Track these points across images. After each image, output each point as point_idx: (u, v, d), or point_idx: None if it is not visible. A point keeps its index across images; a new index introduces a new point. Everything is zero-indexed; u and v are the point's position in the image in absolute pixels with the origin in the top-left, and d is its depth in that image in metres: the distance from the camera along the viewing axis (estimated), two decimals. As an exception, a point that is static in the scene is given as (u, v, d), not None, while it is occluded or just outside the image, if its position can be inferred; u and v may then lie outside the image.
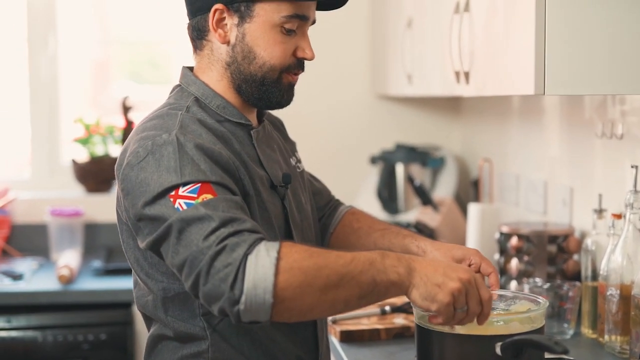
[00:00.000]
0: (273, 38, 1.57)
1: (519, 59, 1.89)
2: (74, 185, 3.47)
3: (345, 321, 2.12)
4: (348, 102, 3.54)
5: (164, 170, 1.44)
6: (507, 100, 2.95)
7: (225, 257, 1.36)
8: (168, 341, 1.59)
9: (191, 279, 1.39)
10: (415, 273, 1.43)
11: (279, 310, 1.37)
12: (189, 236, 1.39)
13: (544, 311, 1.60)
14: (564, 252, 2.32)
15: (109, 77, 3.83)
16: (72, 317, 2.79)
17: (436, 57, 2.55)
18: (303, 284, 1.36)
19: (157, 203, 1.43)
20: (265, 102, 1.62)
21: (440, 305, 1.42)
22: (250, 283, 1.34)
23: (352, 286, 1.39)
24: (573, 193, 2.45)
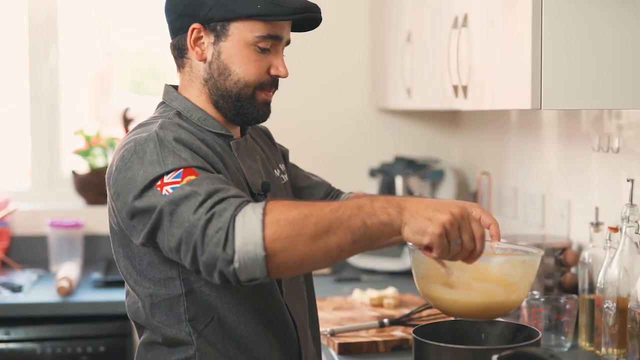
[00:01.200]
0: (247, 56, 1.64)
1: (516, 73, 1.90)
2: (74, 197, 3.48)
3: (344, 333, 2.13)
4: (348, 114, 3.56)
5: (148, 164, 1.51)
6: (505, 114, 2.97)
7: (215, 223, 1.41)
8: (157, 347, 1.63)
9: (189, 254, 1.44)
10: (405, 211, 1.44)
11: (273, 264, 1.41)
12: (180, 215, 1.45)
13: (538, 259, 1.61)
14: (561, 265, 2.33)
15: (109, 88, 3.84)
16: (71, 329, 2.80)
17: (435, 71, 2.56)
18: (292, 234, 1.40)
19: (145, 195, 1.49)
20: (242, 118, 1.69)
21: (432, 236, 1.42)
22: (240, 241, 1.40)
23: (343, 231, 1.42)
24: (570, 206, 2.47)
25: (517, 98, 1.89)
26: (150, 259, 1.60)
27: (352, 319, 2.29)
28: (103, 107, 3.83)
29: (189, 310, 1.59)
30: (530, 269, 1.61)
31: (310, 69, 3.50)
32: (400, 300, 2.51)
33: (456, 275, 1.56)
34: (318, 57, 3.51)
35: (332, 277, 3.07)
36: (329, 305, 2.48)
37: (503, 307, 1.61)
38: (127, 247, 1.62)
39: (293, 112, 3.48)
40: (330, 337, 2.12)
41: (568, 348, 2.07)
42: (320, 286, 2.90)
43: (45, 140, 3.52)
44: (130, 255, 1.62)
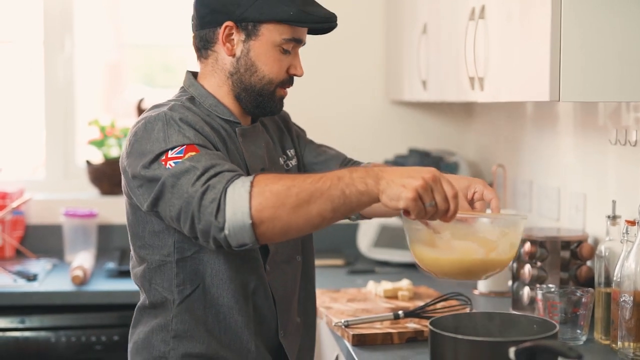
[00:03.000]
0: (273, 56, 1.80)
1: (534, 65, 1.89)
2: (89, 187, 3.49)
3: (358, 325, 2.13)
4: (362, 107, 3.55)
5: (154, 140, 1.68)
6: (520, 107, 2.95)
7: (210, 194, 1.58)
8: (146, 311, 1.84)
9: (188, 222, 1.61)
10: (382, 180, 1.56)
11: (261, 232, 1.57)
12: (180, 187, 1.62)
13: (519, 221, 1.70)
14: (577, 259, 2.32)
15: (122, 80, 3.85)
16: (85, 318, 2.81)
17: (451, 63, 2.55)
18: (276, 204, 1.56)
19: (151, 167, 1.67)
20: (260, 110, 1.85)
21: (406, 201, 1.54)
22: (230, 210, 1.56)
23: (324, 200, 1.56)
24: (586, 199, 2.46)
25: (535, 90, 1.88)
26: (152, 227, 1.78)
27: (366, 311, 2.29)
28: (115, 99, 3.84)
29: (178, 277, 1.78)
30: (510, 230, 1.68)
31: (325, 61, 3.49)
32: (414, 293, 2.50)
33: (438, 235, 1.66)
34: (333, 50, 3.50)
35: (345, 269, 3.07)
36: (343, 296, 2.48)
37: (483, 266, 1.67)
38: (134, 214, 1.80)
39: (308, 104, 3.48)
40: (345, 328, 2.12)
41: (584, 341, 2.06)
42: (334, 278, 2.91)
43: (60, 131, 3.53)
44: (136, 222, 1.80)
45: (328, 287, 2.70)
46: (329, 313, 2.27)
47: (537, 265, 2.33)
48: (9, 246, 3.24)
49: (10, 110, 3.69)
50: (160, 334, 1.81)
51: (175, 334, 1.79)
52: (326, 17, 1.81)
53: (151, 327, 1.82)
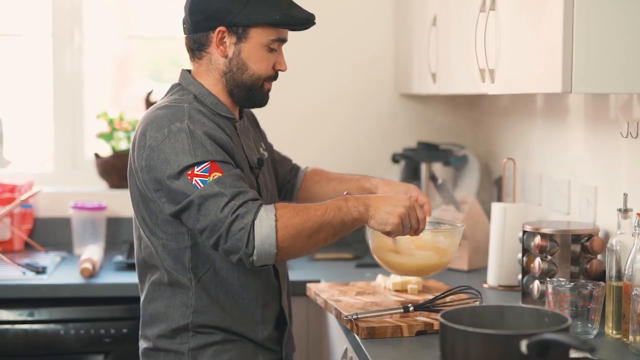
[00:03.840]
0: (261, 55, 2.03)
1: (546, 56, 1.88)
2: (97, 181, 3.48)
3: (368, 318, 2.12)
4: (371, 100, 3.54)
5: (180, 152, 1.90)
6: (530, 99, 2.94)
7: (239, 223, 1.85)
8: (164, 287, 2.04)
9: (212, 240, 1.88)
10: (370, 208, 1.97)
11: (280, 256, 1.89)
12: (208, 208, 1.87)
13: (461, 230, 2.22)
14: (587, 252, 2.31)
15: (130, 74, 3.84)
16: (94, 310, 2.81)
17: (461, 55, 2.54)
18: (295, 235, 1.88)
19: (178, 180, 1.89)
20: (250, 103, 2.09)
21: (392, 226, 1.97)
22: (259, 241, 1.85)
23: (329, 229, 1.92)
24: (597, 193, 2.44)
25: (547, 82, 1.87)
26: (165, 217, 1.97)
27: (375, 304, 2.28)
28: (123, 93, 3.83)
29: (192, 260, 2.01)
30: (456, 238, 2.19)
31: (334, 54, 3.48)
32: (423, 286, 2.49)
33: (402, 244, 2.14)
34: (342, 43, 3.49)
35: (353, 262, 3.06)
36: (352, 290, 2.47)
37: (436, 267, 2.17)
38: (146, 204, 1.99)
39: (316, 97, 3.47)
40: (355, 321, 2.11)
41: (594, 335, 2.05)
42: (342, 271, 2.90)
43: (69, 124, 3.53)
44: (148, 211, 1.99)
45: (336, 280, 2.69)
46: (338, 306, 2.26)
47: (547, 258, 2.32)
48: (18, 239, 3.24)
49: (19, 103, 3.69)
50: (180, 309, 2.03)
51: (194, 309, 2.02)
52: (307, 19, 2.04)
53: (170, 302, 2.04)
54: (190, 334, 2.03)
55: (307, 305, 2.82)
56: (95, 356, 2.80)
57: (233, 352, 2.05)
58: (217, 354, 2.04)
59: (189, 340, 2.03)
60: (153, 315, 2.07)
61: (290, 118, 3.45)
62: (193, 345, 2.03)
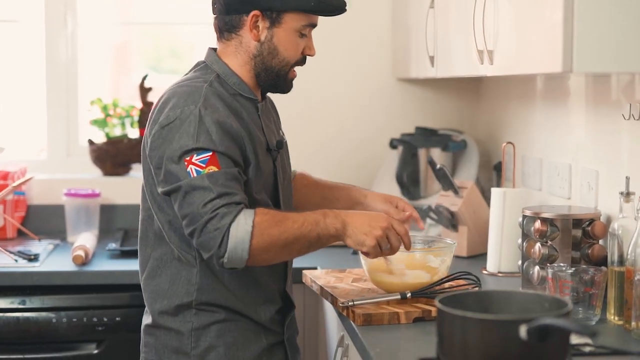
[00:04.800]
0: (293, 40, 2.04)
1: (546, 36, 1.83)
2: (91, 168, 3.43)
3: (365, 305, 2.08)
4: (368, 85, 3.49)
5: (185, 135, 1.91)
6: (530, 82, 2.89)
7: (216, 222, 1.86)
8: (169, 264, 2.04)
9: (189, 230, 1.90)
10: (348, 226, 1.98)
11: (251, 262, 1.90)
12: (192, 198, 1.88)
13: (453, 248, 2.24)
14: (589, 237, 2.26)
15: (129, 64, 3.79)
16: (86, 298, 2.76)
17: (459, 37, 2.49)
18: (269, 245, 1.90)
19: (175, 163, 1.90)
20: (275, 88, 2.10)
21: (369, 247, 2.00)
22: (232, 245, 1.86)
23: (304, 242, 1.94)
24: (599, 176, 2.39)
25: (547, 61, 1.82)
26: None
27: (372, 291, 2.24)
28: (123, 83, 3.78)
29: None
30: (447, 256, 2.21)
31: (330, 38, 3.42)
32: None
33: (394, 265, 2.16)
34: (338, 26, 3.42)
35: (350, 249, 3.01)
36: (349, 277, 2.43)
37: (426, 284, 2.15)
38: (153, 183, 2.00)
39: (312, 83, 3.41)
40: (351, 308, 2.06)
41: (596, 322, 2.00)
42: (339, 258, 2.86)
43: (63, 110, 3.48)
44: (155, 188, 2.00)
45: (333, 266, 2.65)
46: (334, 293, 2.21)
47: (547, 244, 2.27)
48: (10, 227, 3.19)
49: (13, 90, 3.64)
50: (185, 286, 2.03)
51: (199, 287, 2.02)
52: (340, 6, 2.06)
53: (174, 279, 2.04)
54: (193, 311, 2.03)
55: (303, 292, 2.78)
56: (88, 345, 2.75)
57: (236, 332, 2.04)
58: (221, 335, 2.03)
59: (192, 319, 2.03)
60: (156, 291, 2.07)
61: (285, 106, 3.38)
62: (196, 324, 2.03)
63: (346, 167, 2.88)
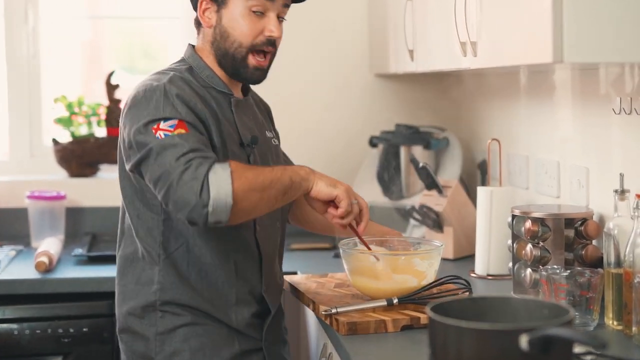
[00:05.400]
0: (242, 20, 1.97)
1: (534, 24, 1.72)
2: (56, 169, 3.28)
3: (349, 314, 1.95)
4: (345, 82, 3.36)
5: (152, 108, 1.88)
6: (513, 76, 2.78)
7: (192, 172, 1.79)
8: (135, 263, 2.00)
9: (163, 190, 1.81)
10: (315, 173, 1.95)
11: (236, 211, 1.81)
12: (164, 158, 1.82)
13: (440, 250, 2.10)
14: (582, 237, 2.15)
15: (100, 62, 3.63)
16: (51, 308, 2.59)
17: (440, 29, 2.38)
18: (250, 188, 1.82)
19: (142, 132, 1.86)
20: (238, 76, 2.04)
21: (341, 189, 1.94)
22: (214, 191, 1.78)
23: (279, 186, 1.88)
24: (589, 174, 2.28)
25: (535, 52, 1.71)
26: (140, 186, 1.95)
27: (356, 297, 2.11)
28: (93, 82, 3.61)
29: (164, 234, 1.97)
30: (434, 259, 2.08)
31: (303, 33, 3.29)
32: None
33: (380, 269, 2.03)
34: (311, 21, 3.30)
35: (330, 252, 2.89)
36: (331, 282, 2.30)
37: (414, 289, 2.02)
38: (126, 174, 1.96)
39: (285, 80, 3.28)
40: (335, 316, 1.94)
41: (594, 327, 1.89)
42: (320, 262, 2.74)
43: (25, 108, 3.32)
44: (129, 178, 1.97)
45: (314, 271, 2.52)
46: (316, 299, 2.09)
47: (539, 245, 2.16)
48: (-30, 232, 3.03)
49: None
50: (149, 286, 1.97)
51: (161, 286, 1.96)
52: None
53: (140, 280, 1.99)
54: (159, 314, 1.97)
55: (283, 298, 2.64)
56: (53, 358, 2.59)
57: (204, 337, 1.97)
58: (187, 339, 1.96)
59: (157, 322, 1.97)
60: (123, 292, 2.03)
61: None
62: (161, 328, 1.96)
63: (324, 167, 2.72)
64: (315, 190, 1.93)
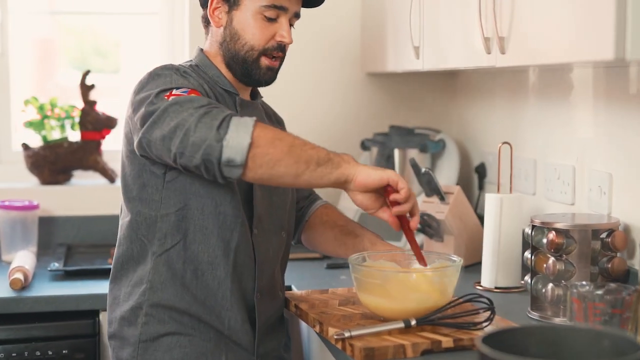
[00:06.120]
0: (254, 23, 1.94)
1: (591, 18, 1.55)
2: (27, 176, 3.05)
3: (365, 337, 1.78)
4: (334, 81, 3.18)
5: (161, 82, 1.81)
6: (519, 75, 2.62)
7: (213, 115, 1.71)
8: (126, 265, 1.93)
9: (179, 138, 1.71)
10: (356, 163, 1.78)
11: (254, 154, 1.69)
12: (181, 112, 1.72)
13: (459, 267, 1.91)
14: (607, 249, 2.01)
15: (54, 60, 3.41)
16: (28, 329, 2.37)
17: (456, 24, 2.20)
18: (274, 138, 1.71)
19: (154, 102, 1.76)
20: (248, 78, 1.99)
21: (390, 172, 1.78)
22: (234, 127, 1.69)
23: (311, 152, 1.73)
24: (612, 180, 2.14)
25: (591, 48, 1.54)
26: (142, 180, 1.89)
27: (366, 317, 1.94)
28: (48, 80, 3.40)
29: (160, 230, 1.89)
30: (453, 276, 1.90)
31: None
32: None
33: (395, 288, 1.86)
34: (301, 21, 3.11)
35: (323, 262, 2.72)
36: (334, 299, 2.12)
37: (429, 310, 1.86)
38: (131, 164, 1.90)
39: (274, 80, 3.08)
40: (348, 340, 1.76)
41: (634, 350, 1.73)
42: (314, 274, 2.57)
43: (-8, 111, 3.09)
44: (130, 173, 1.91)
45: (312, 285, 2.34)
46: (323, 321, 1.91)
47: (562, 258, 2.00)
48: None
49: None
50: (138, 286, 1.90)
51: (151, 285, 1.89)
52: None
53: (129, 280, 1.92)
54: (143, 319, 1.89)
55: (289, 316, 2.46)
56: (31, 383, 2.38)
57: (188, 348, 1.89)
58: (170, 349, 1.88)
59: (141, 329, 1.89)
60: (114, 296, 1.96)
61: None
62: (144, 336, 1.89)
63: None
64: (363, 175, 1.75)
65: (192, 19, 3.01)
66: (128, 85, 3.20)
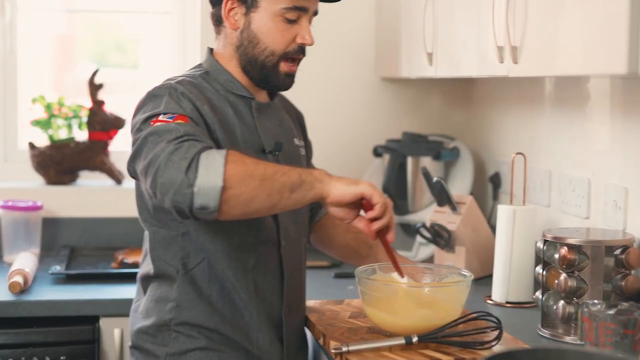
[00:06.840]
0: (275, 26, 1.85)
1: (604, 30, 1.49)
2: (32, 176, 3.02)
3: (363, 352, 1.72)
4: (348, 86, 3.12)
5: (154, 106, 1.76)
6: (536, 84, 2.55)
7: (181, 152, 1.63)
8: (150, 281, 1.88)
9: (151, 175, 1.64)
10: (333, 176, 1.71)
11: (227, 197, 1.61)
12: (157, 144, 1.66)
13: (469, 282, 1.85)
14: (621, 267, 1.94)
15: (72, 57, 3.38)
16: (26, 334, 2.33)
17: (469, 31, 2.15)
18: (245, 173, 1.63)
19: (142, 128, 1.73)
20: (266, 84, 1.91)
21: (366, 185, 1.69)
22: (203, 169, 1.60)
23: (284, 179, 1.66)
24: (628, 195, 2.07)
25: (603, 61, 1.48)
26: (153, 202, 1.78)
27: (372, 331, 1.88)
28: (65, 77, 3.36)
29: (183, 250, 1.83)
30: (462, 292, 1.84)
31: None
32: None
33: (400, 303, 1.81)
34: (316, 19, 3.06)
35: (331, 271, 2.66)
36: (346, 310, 2.06)
37: (435, 327, 1.79)
38: (141, 188, 1.83)
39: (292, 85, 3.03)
40: (346, 355, 1.71)
41: (645, 374, 1.67)
42: (322, 282, 2.52)
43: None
44: (143, 195, 1.84)
45: (315, 293, 2.29)
46: (327, 333, 1.86)
47: (574, 274, 1.94)
48: (-63, 244, 2.77)
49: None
50: (164, 304, 1.85)
51: (177, 304, 1.84)
52: None
53: (155, 297, 1.87)
54: (173, 335, 1.85)
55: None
56: (28, 389, 2.34)
57: None
58: None
59: (169, 342, 1.85)
60: (139, 312, 1.91)
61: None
62: (172, 349, 1.84)
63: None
64: (336, 193, 1.68)
65: (204, 18, 2.96)
66: (146, 81, 3.18)
